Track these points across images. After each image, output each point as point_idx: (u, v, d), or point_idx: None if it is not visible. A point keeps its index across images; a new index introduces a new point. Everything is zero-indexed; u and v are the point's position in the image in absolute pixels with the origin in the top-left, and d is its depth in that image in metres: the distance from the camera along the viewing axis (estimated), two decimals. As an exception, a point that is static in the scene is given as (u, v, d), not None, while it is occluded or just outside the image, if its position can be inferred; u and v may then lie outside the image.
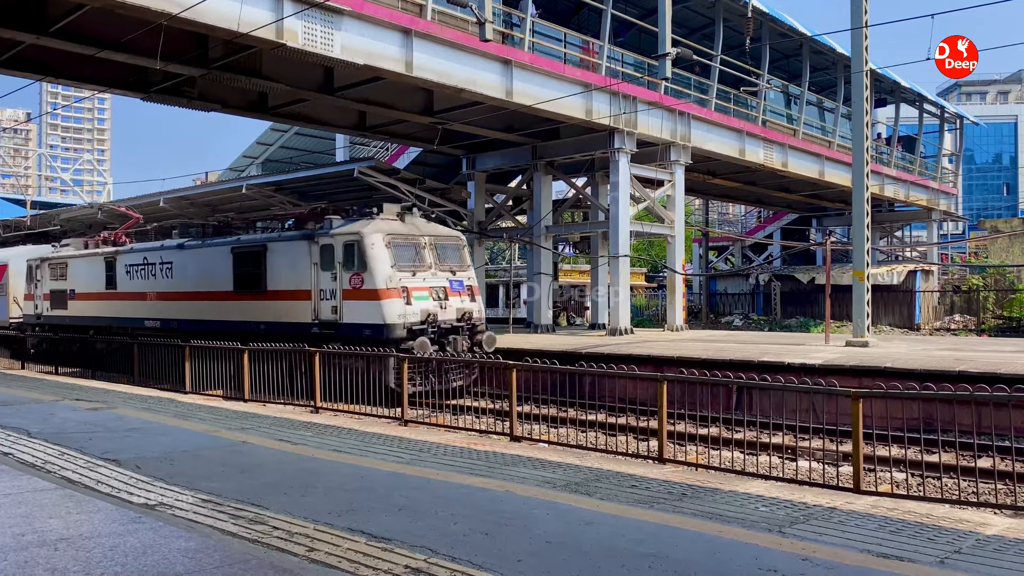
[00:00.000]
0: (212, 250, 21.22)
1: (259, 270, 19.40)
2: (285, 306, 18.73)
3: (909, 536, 6.20)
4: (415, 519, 6.53)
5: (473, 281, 19.02)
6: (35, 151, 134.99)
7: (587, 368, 12.08)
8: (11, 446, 9.83)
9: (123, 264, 24.10)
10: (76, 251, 26.96)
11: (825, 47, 31.58)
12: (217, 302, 20.70)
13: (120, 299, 24.10)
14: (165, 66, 16.81)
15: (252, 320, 19.51)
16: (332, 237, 17.84)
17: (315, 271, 18.05)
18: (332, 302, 17.69)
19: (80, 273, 25.90)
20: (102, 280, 24.80)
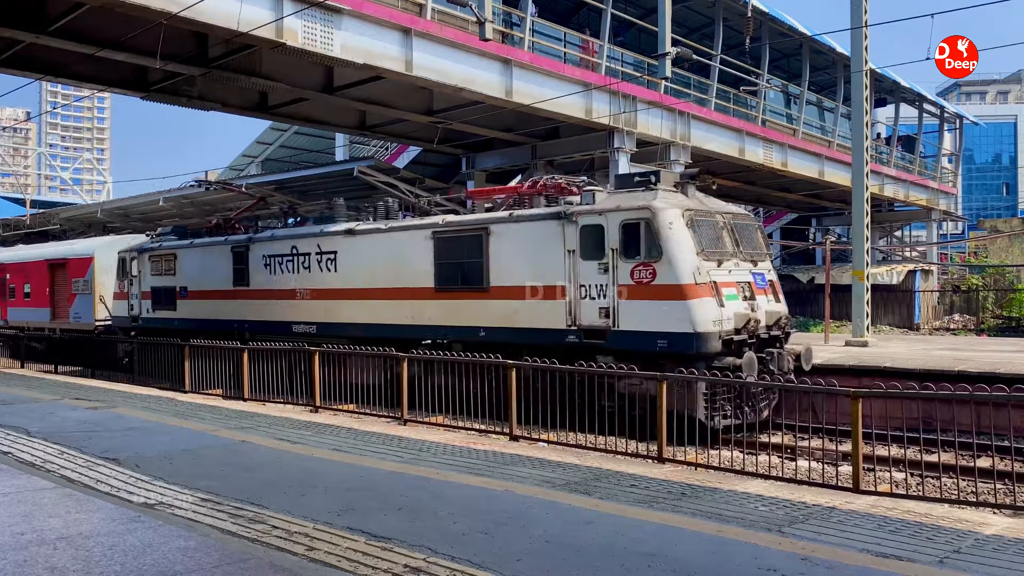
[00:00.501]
0: (401, 236, 16.78)
1: (477, 260, 15.23)
2: (519, 307, 14.66)
3: (908, 536, 6.20)
4: (414, 518, 6.53)
5: (774, 275, 15.29)
6: (35, 150, 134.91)
7: (586, 368, 12.06)
8: (11, 445, 9.83)
9: (259, 255, 19.77)
10: (189, 240, 22.72)
11: (825, 47, 31.57)
12: (406, 302, 16.50)
13: (255, 298, 19.90)
14: (165, 65, 16.79)
15: (463, 325, 15.42)
16: (601, 215, 13.63)
17: (571, 260, 13.93)
18: (601, 302, 13.50)
19: (194, 266, 21.94)
20: (228, 274, 20.68)
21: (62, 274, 27.56)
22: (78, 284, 26.23)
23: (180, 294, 22.25)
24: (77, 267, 26.69)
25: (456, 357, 13.02)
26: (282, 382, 15.29)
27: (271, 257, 19.55)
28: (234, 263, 20.56)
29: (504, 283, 14.89)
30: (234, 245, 20.67)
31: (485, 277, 15.11)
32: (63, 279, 27.40)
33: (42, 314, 28.42)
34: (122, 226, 35.49)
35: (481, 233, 15.22)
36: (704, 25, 28.47)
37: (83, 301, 26.17)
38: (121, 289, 24.43)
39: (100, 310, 25.29)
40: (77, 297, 26.40)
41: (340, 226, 18.29)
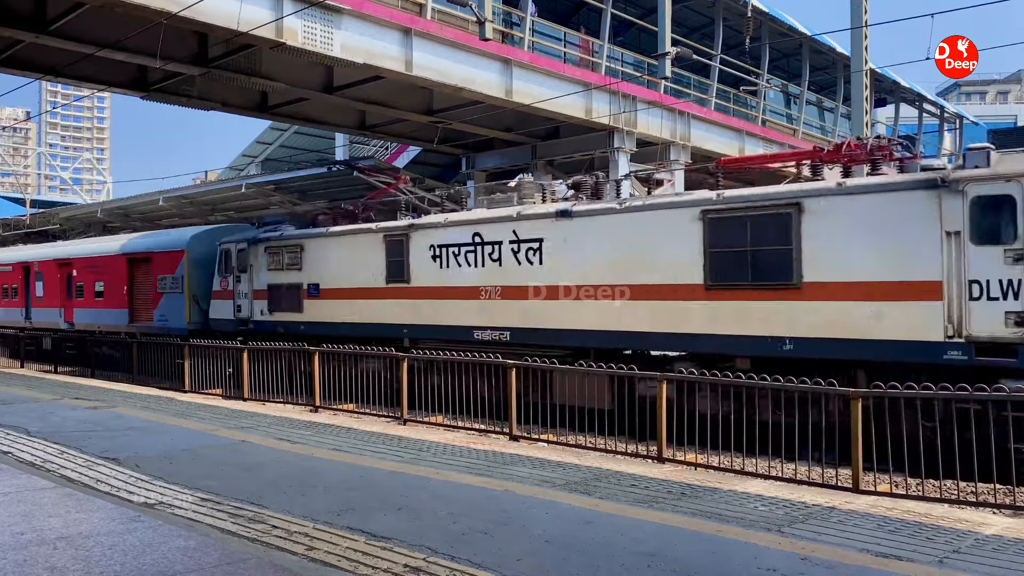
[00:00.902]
0: (647, 217, 13.24)
1: (780, 247, 11.64)
2: (854, 310, 10.92)
3: (908, 536, 6.21)
4: (414, 518, 6.53)
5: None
6: (34, 150, 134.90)
7: (586, 368, 12.05)
8: (10, 445, 9.83)
9: (424, 244, 16.02)
10: (322, 228, 18.89)
11: (825, 46, 31.57)
12: (655, 303, 12.90)
13: (417, 297, 16.17)
14: (164, 65, 16.80)
15: (754, 335, 11.77)
16: (1010, 181, 9.92)
17: (952, 246, 10.18)
18: (1010, 304, 9.81)
19: (328, 260, 18.13)
20: (377, 269, 16.88)
21: (144, 270, 23.61)
22: (165, 282, 22.45)
23: (308, 293, 18.41)
24: (164, 262, 22.75)
25: (457, 357, 13.00)
26: (282, 382, 15.28)
27: (442, 247, 15.77)
28: (388, 255, 16.63)
29: (827, 277, 11.15)
30: (388, 233, 16.67)
31: (794, 269, 11.41)
32: (145, 276, 23.53)
33: (117, 316, 24.47)
34: (122, 226, 35.47)
35: (789, 211, 11.55)
36: (704, 25, 28.48)
37: (172, 301, 22.23)
38: (223, 287, 20.63)
39: (195, 311, 21.59)
40: (164, 297, 22.46)
41: (548, 207, 14.83)
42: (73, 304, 26.98)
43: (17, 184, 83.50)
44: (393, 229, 16.80)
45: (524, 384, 11.81)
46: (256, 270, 19.81)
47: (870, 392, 8.65)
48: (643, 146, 24.32)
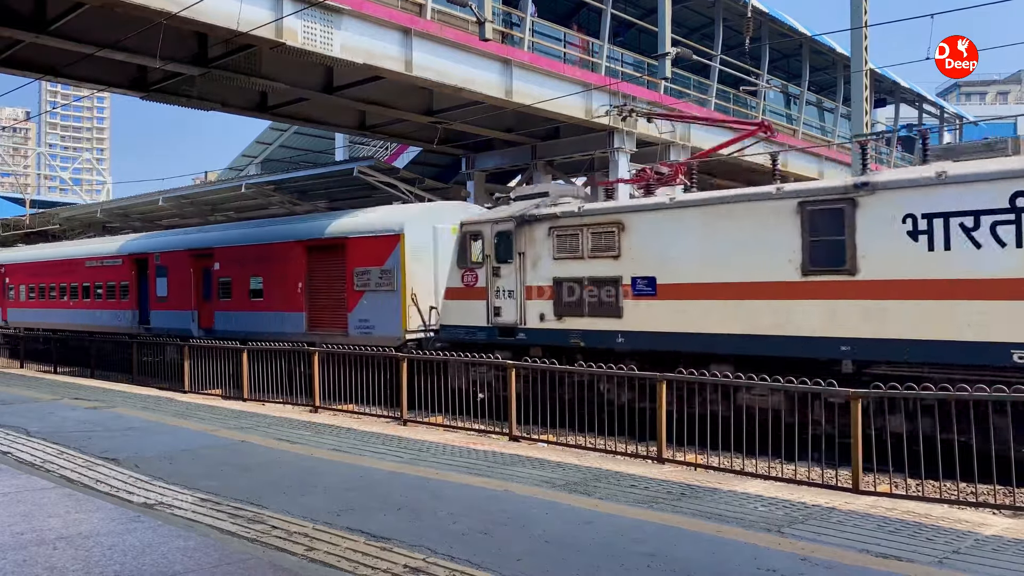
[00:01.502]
0: None
1: None
2: None
3: (908, 536, 6.20)
4: (414, 518, 6.53)
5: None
6: (34, 150, 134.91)
7: (585, 368, 12.06)
8: (10, 445, 9.83)
9: (892, 214, 10.55)
10: (653, 200, 13.44)
11: (825, 47, 31.59)
12: None
13: (875, 295, 10.64)
14: (164, 65, 16.81)
15: None
16: None
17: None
18: None
19: (678, 238, 12.68)
20: (785, 253, 11.40)
21: (332, 261, 18.35)
22: (369, 276, 17.23)
23: (635, 290, 13.14)
24: (366, 250, 17.46)
25: (458, 357, 13.05)
26: (282, 382, 15.27)
27: (934, 218, 10.20)
28: (809, 232, 11.20)
29: None
30: (811, 199, 11.25)
31: None
32: (333, 269, 18.33)
33: (287, 321, 19.24)
34: (121, 226, 35.47)
35: None
36: (704, 25, 28.49)
37: (378, 302, 17.07)
38: (467, 283, 15.38)
39: (414, 317, 16.59)
40: (365, 296, 17.36)
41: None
42: (214, 306, 21.66)
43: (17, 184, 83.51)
44: (820, 193, 11.26)
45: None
46: (532, 259, 14.36)
47: (869, 392, 8.66)
48: (643, 146, 24.32)
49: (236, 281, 20.95)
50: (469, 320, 15.38)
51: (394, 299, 16.83)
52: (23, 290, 31.17)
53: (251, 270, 20.49)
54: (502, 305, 14.84)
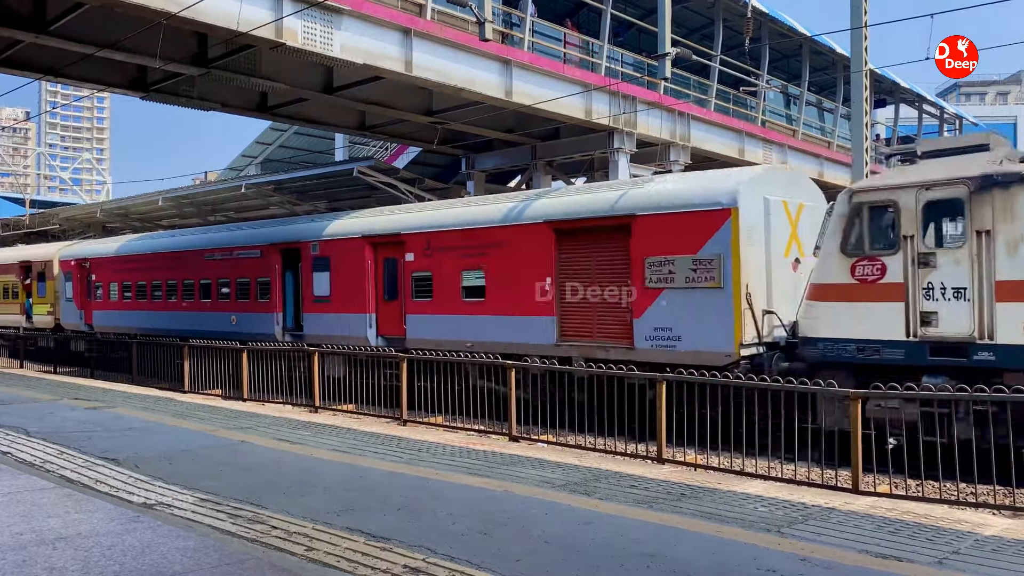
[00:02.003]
0: None
1: None
2: None
3: (907, 536, 6.20)
4: (414, 518, 6.53)
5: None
6: (34, 150, 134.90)
7: (585, 368, 12.06)
8: (10, 445, 9.83)
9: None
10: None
11: (825, 47, 31.58)
12: None
13: None
14: (164, 65, 16.80)
15: None
16: None
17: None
18: None
19: None
20: None
21: (602, 249, 14.05)
22: (673, 268, 12.92)
23: None
24: (668, 232, 13.11)
25: (458, 357, 13.04)
26: (281, 382, 15.27)
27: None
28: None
29: None
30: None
31: None
32: (603, 259, 14.00)
33: (526, 329, 14.77)
34: (121, 226, 35.48)
35: None
36: (704, 26, 28.48)
37: (688, 304, 12.78)
38: (861, 277, 10.88)
39: (747, 324, 12.27)
40: (664, 295, 13.00)
41: None
42: (403, 308, 16.99)
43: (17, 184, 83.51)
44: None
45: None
46: (1006, 241, 9.91)
47: (870, 393, 8.66)
48: (643, 146, 24.32)
49: (442, 278, 16.25)
50: (865, 331, 10.81)
51: (718, 299, 12.38)
52: (115, 289, 25.52)
53: (464, 262, 15.82)
54: (939, 310, 10.28)
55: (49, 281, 28.89)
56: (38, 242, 37.57)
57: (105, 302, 25.91)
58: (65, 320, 27.78)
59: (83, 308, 27.04)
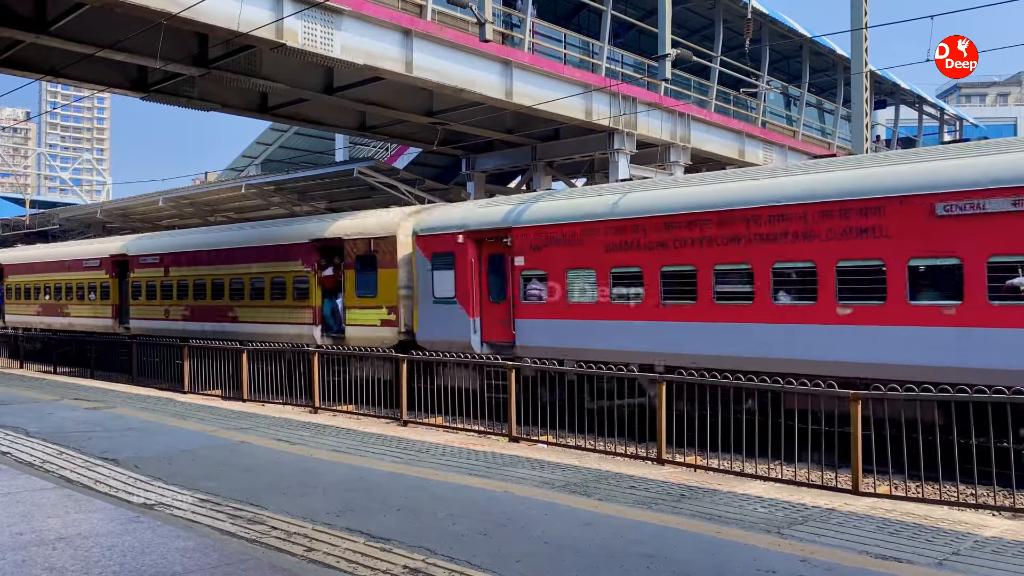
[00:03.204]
0: None
1: None
2: None
3: (907, 537, 6.20)
4: (413, 519, 6.53)
5: None
6: (34, 150, 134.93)
7: (587, 369, 12.05)
8: (9, 445, 9.82)
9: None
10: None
11: (825, 48, 31.59)
12: None
13: None
14: (165, 66, 16.81)
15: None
16: None
17: None
18: None
19: None
20: None
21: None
22: None
23: None
24: None
25: (458, 358, 13.06)
26: (281, 383, 15.28)
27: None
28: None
29: None
30: None
31: None
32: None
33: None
34: (121, 226, 35.49)
35: None
36: (704, 27, 28.48)
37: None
38: None
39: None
40: None
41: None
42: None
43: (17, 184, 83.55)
44: None
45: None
46: None
47: (870, 394, 8.66)
48: (643, 147, 24.33)
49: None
50: None
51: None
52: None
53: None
54: None
55: (387, 269, 17.31)
56: (37, 242, 37.49)
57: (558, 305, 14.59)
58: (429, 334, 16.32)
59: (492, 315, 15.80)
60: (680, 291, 12.61)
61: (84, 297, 26.72)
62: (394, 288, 16.93)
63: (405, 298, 16.78)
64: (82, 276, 26.93)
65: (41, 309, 29.38)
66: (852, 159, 13.13)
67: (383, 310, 17.07)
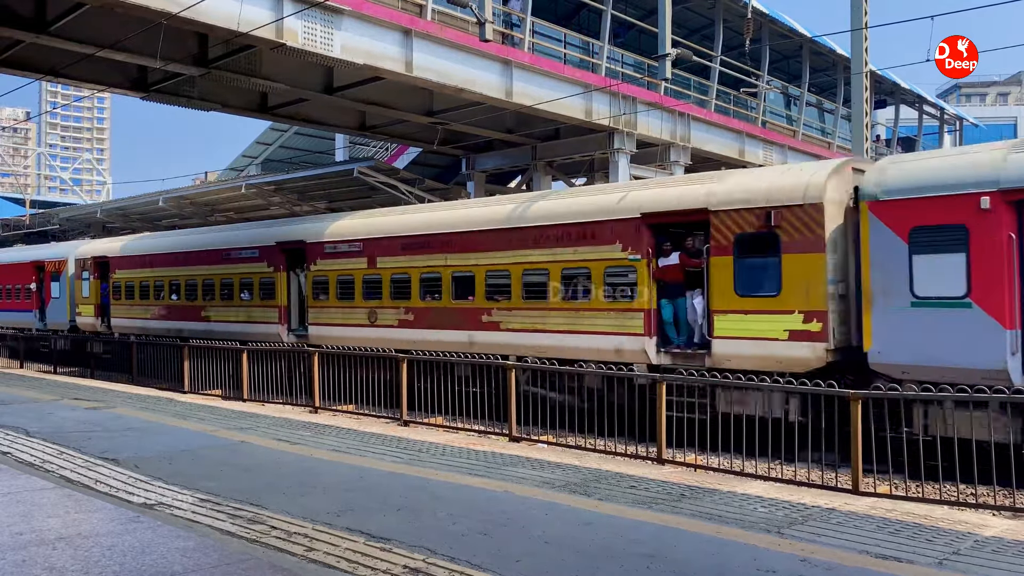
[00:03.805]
0: None
1: None
2: None
3: (907, 537, 6.20)
4: (414, 519, 6.53)
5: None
6: (34, 150, 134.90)
7: (585, 369, 12.05)
8: (10, 445, 9.82)
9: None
10: None
11: (825, 48, 31.58)
12: None
13: None
14: (165, 65, 16.80)
15: None
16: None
17: None
18: None
19: None
20: None
21: None
22: None
23: None
24: None
25: (458, 358, 13.05)
26: (281, 383, 15.27)
27: None
28: None
29: None
30: None
31: None
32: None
33: None
34: (122, 226, 35.50)
35: None
36: (704, 26, 28.47)
37: None
38: None
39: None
40: None
41: None
42: None
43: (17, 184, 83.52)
44: None
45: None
46: None
47: (870, 393, 8.66)
48: (643, 147, 24.32)
49: None
50: None
51: None
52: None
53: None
54: None
55: (801, 255, 11.70)
56: (37, 242, 37.47)
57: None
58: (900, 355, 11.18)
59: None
60: None
61: (233, 296, 20.91)
62: (818, 282, 11.26)
63: (837, 298, 11.32)
64: (230, 270, 21.14)
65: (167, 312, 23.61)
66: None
67: (794, 316, 11.38)
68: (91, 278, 26.32)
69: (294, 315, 19.43)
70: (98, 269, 26.10)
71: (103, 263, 25.99)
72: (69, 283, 27.64)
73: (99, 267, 26.10)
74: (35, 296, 29.62)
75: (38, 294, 29.47)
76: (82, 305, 26.84)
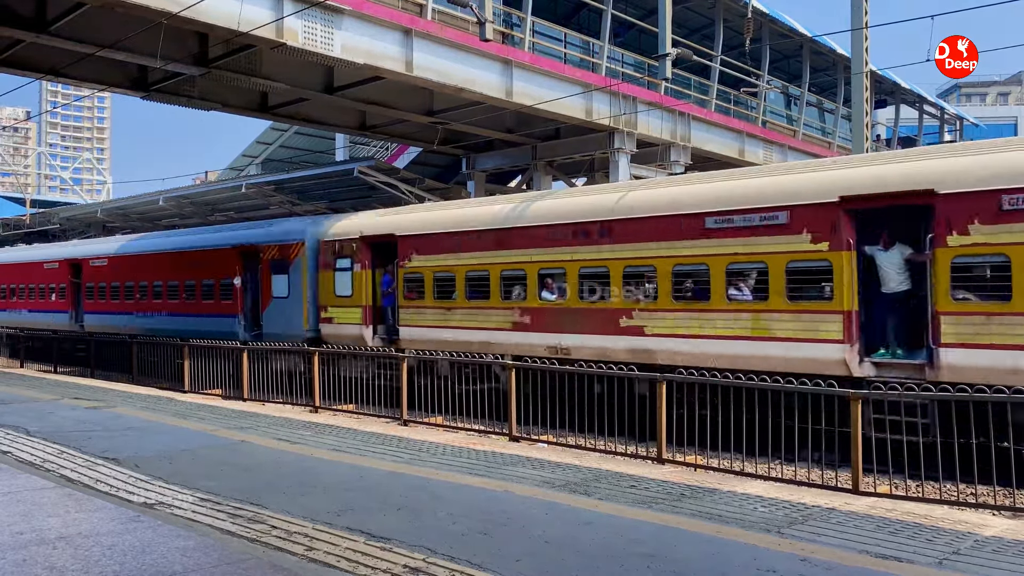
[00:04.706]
0: None
1: None
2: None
3: (907, 537, 6.20)
4: (414, 519, 6.53)
5: None
6: (35, 150, 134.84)
7: (585, 369, 12.05)
8: (10, 444, 9.83)
9: None
10: None
11: (825, 48, 31.58)
12: None
13: None
14: (165, 65, 16.81)
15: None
16: None
17: None
18: None
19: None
20: None
21: None
22: None
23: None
24: None
25: (458, 358, 13.04)
26: (282, 382, 15.27)
27: None
28: None
29: None
30: None
31: None
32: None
33: None
34: (122, 226, 35.48)
35: None
36: (704, 26, 28.47)
37: None
38: None
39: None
40: None
41: None
42: None
43: (17, 184, 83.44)
44: None
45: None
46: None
47: (870, 394, 8.66)
48: (643, 147, 24.33)
49: None
50: None
51: None
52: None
53: None
54: None
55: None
56: (35, 242, 37.45)
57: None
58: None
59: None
60: None
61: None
62: None
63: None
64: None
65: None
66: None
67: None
68: (362, 268, 17.96)
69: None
70: (372, 254, 18.02)
71: (383, 245, 17.82)
72: (306, 275, 19.15)
73: (375, 251, 17.99)
74: (238, 294, 20.74)
75: (243, 292, 20.74)
76: (337, 308, 18.51)
